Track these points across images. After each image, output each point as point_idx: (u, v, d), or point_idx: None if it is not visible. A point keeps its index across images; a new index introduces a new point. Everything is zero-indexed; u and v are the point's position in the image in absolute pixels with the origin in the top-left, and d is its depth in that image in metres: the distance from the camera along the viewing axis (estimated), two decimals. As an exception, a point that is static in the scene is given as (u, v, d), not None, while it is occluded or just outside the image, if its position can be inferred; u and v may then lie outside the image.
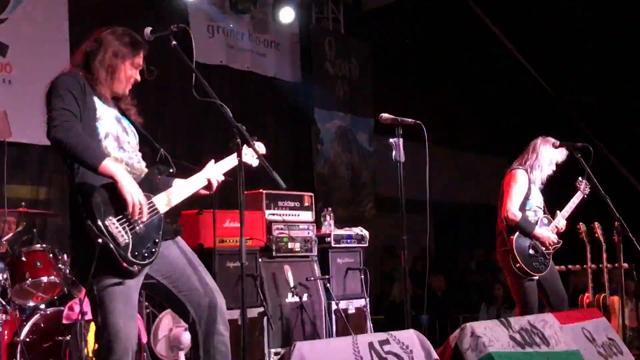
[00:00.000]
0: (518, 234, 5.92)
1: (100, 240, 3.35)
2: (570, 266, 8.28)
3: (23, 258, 5.88)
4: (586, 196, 6.24)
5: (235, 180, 3.74)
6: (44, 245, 6.16)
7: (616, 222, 5.97)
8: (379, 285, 11.43)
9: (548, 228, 6.05)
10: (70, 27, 8.19)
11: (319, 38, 11.25)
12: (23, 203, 6.49)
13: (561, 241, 6.08)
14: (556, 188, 6.27)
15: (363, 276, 7.20)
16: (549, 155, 6.10)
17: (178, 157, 3.96)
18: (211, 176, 3.90)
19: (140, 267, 3.50)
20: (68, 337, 5.67)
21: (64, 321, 5.77)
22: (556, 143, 6.09)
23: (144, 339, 5.76)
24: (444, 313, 10.59)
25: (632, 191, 12.93)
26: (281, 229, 6.69)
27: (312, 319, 6.65)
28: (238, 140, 3.69)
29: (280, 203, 6.82)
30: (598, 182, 6.07)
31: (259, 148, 3.94)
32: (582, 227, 7.03)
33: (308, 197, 7.11)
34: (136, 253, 3.46)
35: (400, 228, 5.09)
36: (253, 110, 10.20)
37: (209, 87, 3.74)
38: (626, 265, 7.19)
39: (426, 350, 4.40)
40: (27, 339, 5.77)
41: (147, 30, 3.79)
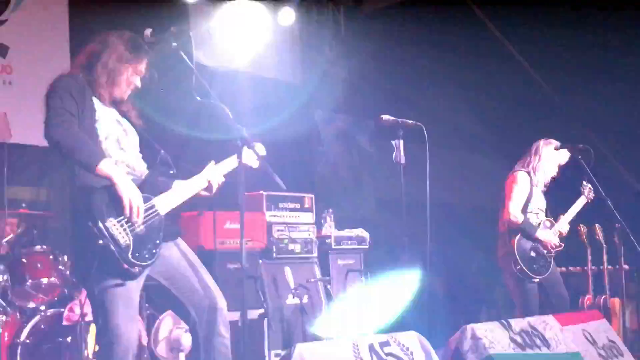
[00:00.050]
0: (520, 236, 5.92)
1: (100, 241, 3.34)
2: (571, 268, 8.27)
3: (23, 260, 5.88)
4: (590, 200, 6.24)
5: (235, 181, 3.74)
6: (45, 246, 6.16)
7: (617, 224, 5.97)
8: (379, 286, 11.41)
9: (551, 231, 6.05)
10: (70, 29, 8.19)
11: (320, 39, 11.26)
12: (23, 204, 6.49)
13: (563, 244, 6.08)
14: (558, 191, 6.27)
15: (363, 278, 7.20)
16: (552, 157, 6.10)
17: (178, 159, 3.95)
18: (211, 178, 3.89)
19: (140, 268, 3.50)
20: (68, 339, 5.67)
21: (65, 323, 5.77)
22: (557, 145, 6.09)
23: (145, 341, 5.75)
24: (445, 315, 10.58)
25: (633, 193, 12.91)
26: (282, 231, 6.70)
27: (313, 321, 6.65)
28: (238, 141, 3.69)
29: (280, 204, 6.83)
30: (599, 184, 6.07)
31: (260, 149, 3.93)
32: (583, 229, 7.03)
33: (308, 199, 7.11)
34: (137, 254, 3.46)
35: (401, 229, 5.09)
36: (253, 111, 10.20)
37: (209, 89, 3.74)
38: (627, 267, 7.19)
39: (427, 352, 4.40)
40: (27, 341, 5.76)
41: (148, 31, 3.79)
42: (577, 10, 10.98)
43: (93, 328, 5.47)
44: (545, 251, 5.97)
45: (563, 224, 6.15)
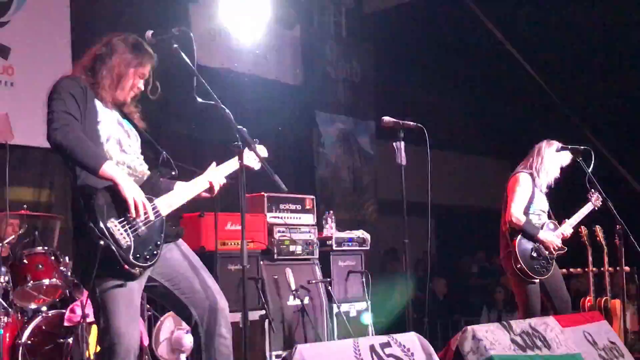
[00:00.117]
0: (521, 237, 5.92)
1: (102, 242, 3.35)
2: (571, 269, 8.27)
3: (25, 260, 5.89)
4: (597, 208, 6.25)
5: (236, 183, 3.74)
6: (46, 247, 6.17)
7: (618, 226, 5.97)
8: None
9: (554, 233, 6.05)
10: (72, 30, 8.20)
11: (321, 41, 11.27)
12: (25, 205, 6.50)
13: (565, 247, 6.08)
14: (560, 193, 6.26)
15: (364, 279, 7.20)
16: (554, 158, 6.09)
17: (179, 160, 3.96)
18: (213, 179, 3.89)
19: (141, 269, 3.50)
20: (70, 340, 5.68)
21: (66, 324, 5.78)
22: (558, 147, 6.08)
23: (146, 342, 5.76)
24: (446, 316, 10.59)
25: (634, 194, 12.91)
26: (283, 232, 6.69)
27: (314, 322, 6.65)
28: (239, 143, 3.69)
29: (281, 206, 6.82)
30: (600, 186, 6.07)
31: (261, 151, 3.94)
32: (584, 231, 7.03)
33: (310, 200, 7.11)
34: (138, 255, 3.46)
35: (401, 231, 5.09)
36: (254, 113, 10.20)
37: (211, 90, 3.74)
38: (627, 268, 7.19)
39: (427, 353, 4.40)
40: (29, 342, 5.77)
41: (149, 33, 3.80)
42: (579, 10, 11.00)
43: (94, 329, 5.48)
44: (547, 252, 5.97)
45: (567, 228, 6.15)
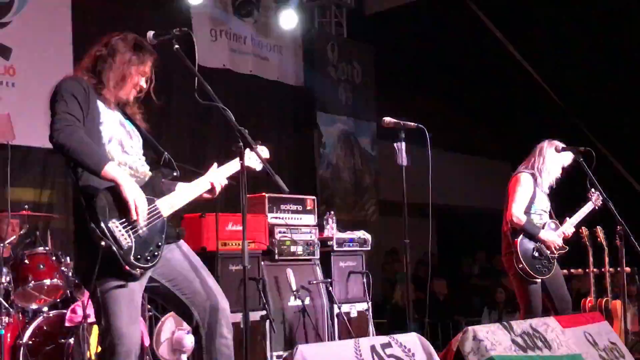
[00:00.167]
0: (523, 237, 5.92)
1: (103, 243, 3.35)
2: (572, 270, 8.27)
3: (26, 261, 5.90)
4: (597, 207, 6.25)
5: (237, 183, 3.74)
6: (47, 248, 6.18)
7: (618, 227, 5.96)
8: (381, 289, 11.43)
9: (555, 233, 6.05)
10: (73, 31, 8.22)
11: (322, 42, 11.28)
12: (26, 206, 6.51)
13: (567, 247, 6.08)
14: (562, 193, 6.27)
15: (365, 280, 7.20)
16: (556, 158, 6.08)
17: (181, 161, 3.96)
18: (214, 180, 3.89)
19: (142, 271, 3.51)
20: (71, 340, 5.69)
21: (67, 324, 5.79)
22: (559, 147, 6.08)
23: (147, 342, 5.76)
24: (446, 317, 10.59)
25: (635, 195, 12.92)
26: (284, 233, 6.70)
27: (315, 323, 6.66)
28: (240, 144, 3.69)
29: (282, 206, 6.82)
30: (601, 186, 6.07)
31: (262, 152, 3.94)
32: (585, 231, 7.03)
33: (311, 201, 7.11)
34: (139, 256, 3.47)
35: (402, 232, 5.09)
36: (256, 113, 10.22)
37: (212, 91, 3.74)
38: (628, 269, 7.18)
39: (428, 353, 4.40)
40: (30, 342, 5.78)
41: (150, 34, 3.80)
42: (580, 11, 11.00)
43: (95, 329, 5.49)
44: (548, 252, 5.97)
45: (568, 227, 6.15)
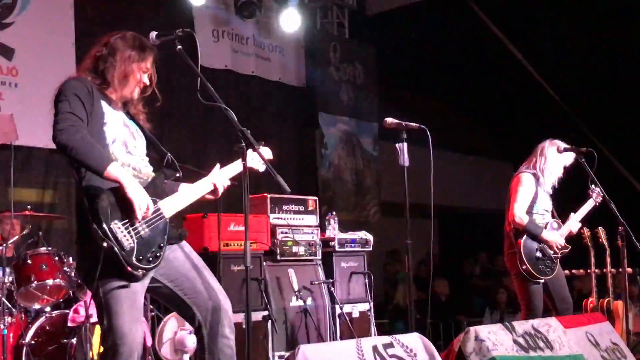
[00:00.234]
0: (526, 237, 5.93)
1: (105, 244, 3.36)
2: (574, 271, 8.26)
3: (28, 261, 5.91)
4: (598, 204, 6.25)
5: (240, 184, 3.75)
6: (50, 248, 6.19)
7: (620, 227, 5.97)
8: (383, 289, 11.43)
9: (557, 232, 6.05)
10: (75, 32, 8.23)
11: (324, 42, 11.29)
12: (29, 206, 6.52)
13: (569, 246, 6.08)
14: (563, 193, 6.27)
15: (367, 280, 7.20)
16: (558, 158, 6.08)
17: (183, 161, 3.97)
18: (217, 181, 3.90)
19: (144, 271, 3.51)
20: (73, 340, 5.70)
21: (69, 324, 5.79)
22: (560, 147, 6.08)
23: (149, 342, 5.77)
24: (448, 317, 10.59)
25: (636, 196, 12.91)
26: (285, 233, 6.70)
27: (316, 323, 6.66)
28: (243, 144, 3.70)
29: (284, 207, 6.83)
30: (602, 187, 6.07)
31: (265, 152, 3.94)
32: (586, 232, 7.02)
33: (312, 201, 7.11)
34: (141, 257, 3.47)
35: (404, 232, 5.10)
36: (258, 114, 10.23)
37: (214, 91, 3.75)
38: (630, 270, 7.18)
39: (430, 354, 4.41)
40: (33, 342, 5.80)
41: (153, 34, 3.81)
42: (581, 11, 11.00)
43: (98, 329, 5.49)
44: (551, 252, 5.97)
45: (573, 223, 6.16)
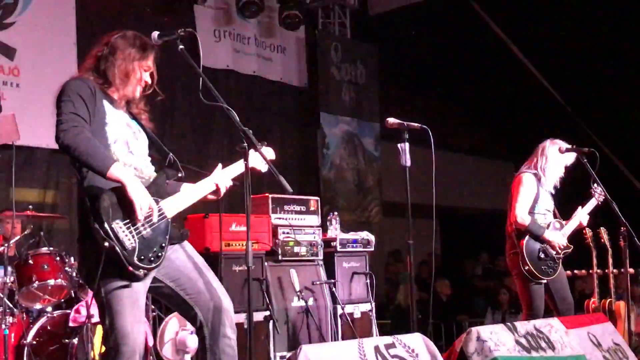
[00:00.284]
0: (528, 237, 5.92)
1: (106, 243, 3.35)
2: (576, 271, 8.26)
3: (30, 261, 5.91)
4: (600, 203, 6.25)
5: (241, 184, 3.74)
6: (51, 248, 6.19)
7: (622, 228, 5.96)
8: (385, 289, 11.43)
9: (560, 232, 6.05)
10: (77, 31, 8.23)
11: (325, 42, 11.28)
12: (30, 206, 6.52)
13: (572, 246, 6.08)
14: (561, 193, 6.27)
15: (369, 280, 7.20)
16: (558, 158, 6.08)
17: (184, 161, 3.96)
18: (219, 181, 3.90)
19: (146, 271, 3.51)
20: (75, 340, 5.70)
21: (71, 324, 5.79)
22: (562, 148, 6.07)
23: (150, 342, 5.77)
24: (450, 317, 10.59)
25: (638, 196, 12.90)
26: (287, 233, 6.70)
27: (318, 323, 6.66)
28: (245, 144, 3.70)
29: (286, 207, 6.82)
30: (604, 187, 6.07)
31: (267, 153, 3.94)
32: (588, 233, 7.03)
33: (314, 201, 7.11)
34: (142, 257, 3.47)
35: (405, 232, 5.09)
36: (259, 114, 10.23)
37: (216, 92, 3.74)
38: (632, 270, 7.19)
39: (432, 354, 4.40)
40: (34, 342, 5.79)
41: (155, 34, 3.80)
42: (583, 11, 11.00)
43: (99, 329, 5.50)
44: (553, 252, 5.97)
45: (583, 215, 6.17)
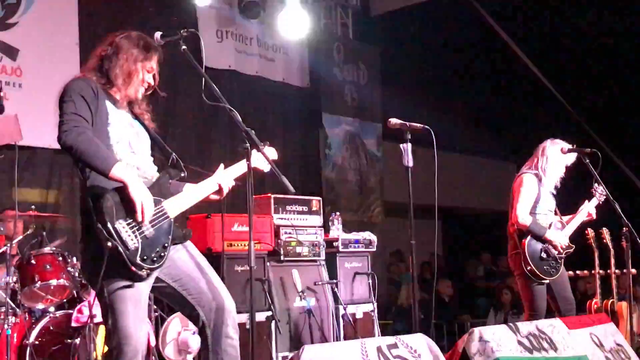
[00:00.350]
0: (530, 237, 5.92)
1: (109, 243, 3.36)
2: (578, 272, 8.26)
3: (32, 261, 5.91)
4: (601, 202, 6.25)
5: (244, 184, 3.75)
6: (54, 248, 6.19)
7: (624, 228, 5.96)
8: (387, 290, 11.43)
9: (561, 232, 6.05)
10: (80, 32, 8.23)
11: (328, 43, 11.28)
12: (33, 206, 6.52)
13: (573, 246, 6.08)
14: (564, 192, 6.27)
15: (371, 281, 7.21)
16: (559, 158, 6.08)
17: (187, 161, 3.97)
18: (222, 181, 3.90)
19: (149, 271, 3.51)
20: (77, 340, 5.70)
21: (73, 324, 5.80)
22: (565, 149, 6.08)
23: (153, 342, 5.78)
24: (452, 318, 10.59)
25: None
26: (289, 233, 6.71)
27: (320, 324, 6.66)
28: (247, 144, 3.70)
29: (288, 207, 6.83)
30: (606, 188, 6.07)
31: (270, 153, 3.94)
32: (591, 233, 7.03)
33: (316, 202, 7.12)
34: (145, 257, 3.47)
35: (408, 233, 5.09)
36: (261, 114, 10.23)
37: (219, 92, 3.75)
38: (634, 271, 7.18)
39: (434, 354, 4.40)
40: (36, 342, 5.80)
41: (157, 34, 3.81)
42: (585, 11, 11.00)
43: (102, 329, 5.50)
44: (555, 252, 5.97)
45: (591, 207, 6.17)
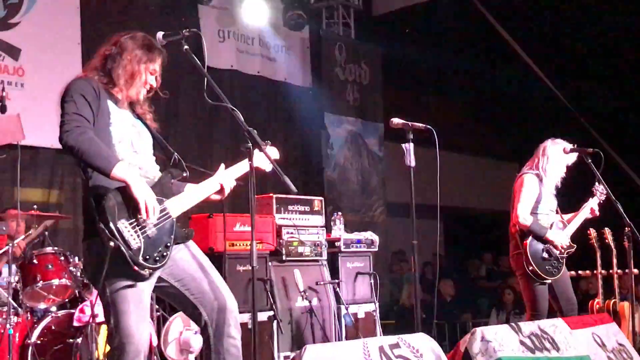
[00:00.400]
0: (532, 238, 5.92)
1: (112, 243, 3.36)
2: (580, 272, 8.25)
3: (35, 261, 5.92)
4: (601, 202, 6.25)
5: (245, 184, 3.75)
6: (55, 248, 6.20)
7: (627, 228, 5.95)
8: (389, 290, 11.43)
9: (563, 232, 6.04)
10: (82, 32, 8.24)
11: (329, 43, 11.28)
12: (35, 206, 6.52)
13: (575, 245, 6.07)
14: (565, 192, 6.27)
15: (372, 281, 7.21)
16: (560, 158, 6.08)
17: (189, 161, 3.97)
18: (224, 181, 3.90)
19: (151, 271, 3.51)
20: (79, 340, 5.70)
21: (75, 323, 5.80)
22: (567, 149, 6.07)
23: (154, 342, 5.78)
24: (454, 318, 10.59)
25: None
26: (291, 233, 6.71)
27: (322, 323, 6.66)
28: (249, 144, 3.70)
29: (290, 207, 6.83)
30: (608, 188, 6.06)
31: (272, 152, 3.94)
32: (593, 233, 7.02)
33: (318, 202, 7.12)
34: (147, 257, 3.47)
35: (409, 233, 5.09)
36: (263, 115, 10.23)
37: (221, 92, 3.75)
38: (636, 271, 7.17)
39: (436, 354, 4.40)
40: (38, 342, 5.80)
41: (160, 34, 3.81)
42: (586, 11, 10.99)
43: (104, 329, 5.50)
44: (557, 252, 5.96)
45: (594, 203, 6.16)
